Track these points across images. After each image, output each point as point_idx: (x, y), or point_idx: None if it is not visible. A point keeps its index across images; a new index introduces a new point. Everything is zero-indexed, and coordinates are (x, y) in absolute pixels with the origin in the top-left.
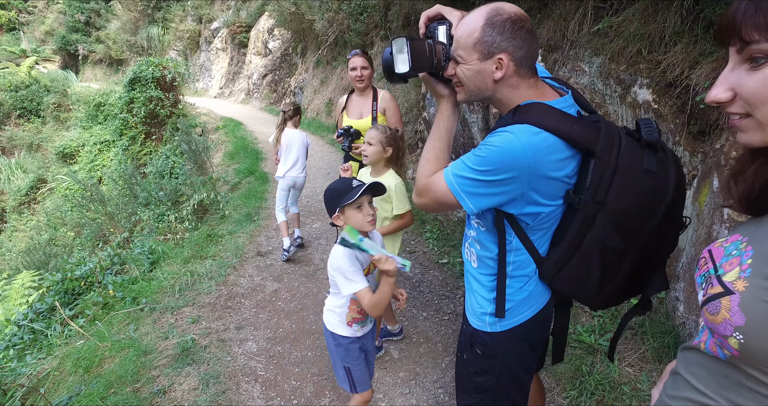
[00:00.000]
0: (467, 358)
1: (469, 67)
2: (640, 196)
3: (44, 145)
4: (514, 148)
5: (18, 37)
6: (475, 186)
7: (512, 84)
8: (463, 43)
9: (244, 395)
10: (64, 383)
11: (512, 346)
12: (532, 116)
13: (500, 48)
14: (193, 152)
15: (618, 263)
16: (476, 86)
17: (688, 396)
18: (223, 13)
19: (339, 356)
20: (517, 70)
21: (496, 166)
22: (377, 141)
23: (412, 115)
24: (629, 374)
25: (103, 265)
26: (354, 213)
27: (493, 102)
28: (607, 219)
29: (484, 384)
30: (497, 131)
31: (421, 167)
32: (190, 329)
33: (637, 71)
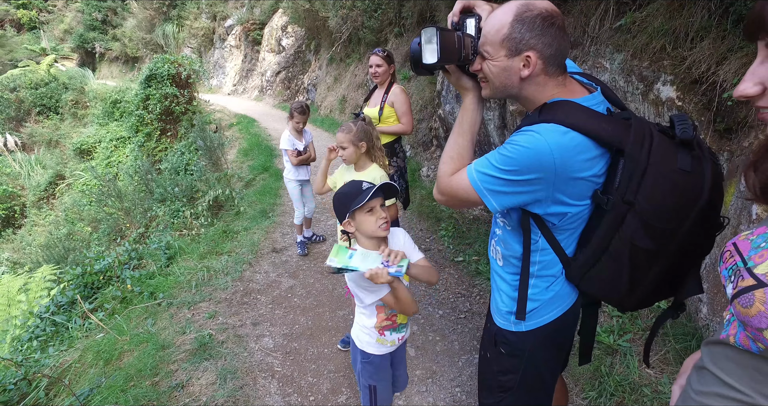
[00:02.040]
0: (491, 357)
1: (495, 63)
2: (672, 196)
3: (62, 142)
4: (541, 148)
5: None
6: (498, 185)
7: (539, 82)
8: (491, 39)
9: (261, 390)
10: (85, 375)
11: (537, 346)
12: (559, 115)
13: (528, 45)
14: (207, 149)
15: (649, 264)
16: (502, 83)
17: (717, 391)
18: (236, 11)
19: (367, 374)
20: (545, 68)
21: (521, 167)
22: (348, 142)
23: (427, 112)
24: (650, 375)
25: (121, 260)
26: (365, 218)
27: (519, 99)
28: (636, 220)
29: (507, 383)
30: (523, 130)
31: (443, 164)
32: (207, 324)
33: (661, 68)
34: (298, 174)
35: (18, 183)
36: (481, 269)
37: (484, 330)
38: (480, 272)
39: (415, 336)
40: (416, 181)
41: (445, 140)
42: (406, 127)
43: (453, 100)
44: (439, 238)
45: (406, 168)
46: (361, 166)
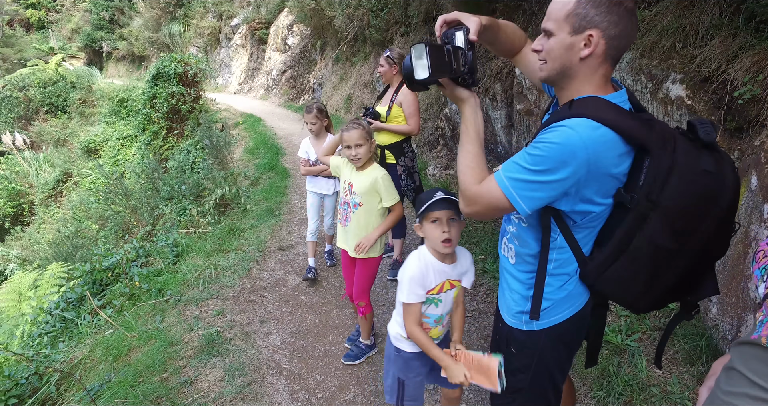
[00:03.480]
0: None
1: (558, 40)
2: (695, 196)
3: (70, 140)
4: (574, 143)
5: (47, 36)
6: (531, 189)
7: (593, 66)
8: (555, 15)
9: (269, 387)
10: (95, 371)
11: (548, 345)
12: (591, 110)
13: (593, 23)
14: (214, 147)
15: (668, 265)
16: (562, 63)
17: (747, 392)
18: (242, 10)
19: (396, 367)
20: (606, 50)
21: (554, 164)
22: (364, 139)
23: (433, 111)
24: (658, 375)
25: (129, 257)
26: (430, 228)
27: (564, 85)
28: (659, 219)
29: (518, 383)
30: (553, 126)
31: (464, 175)
32: (214, 321)
33: (670, 66)
34: (314, 185)
35: (26, 181)
36: (487, 268)
37: (495, 330)
38: (486, 271)
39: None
40: (423, 180)
41: (451, 139)
42: (412, 128)
43: None
44: None
45: (415, 167)
46: (363, 166)
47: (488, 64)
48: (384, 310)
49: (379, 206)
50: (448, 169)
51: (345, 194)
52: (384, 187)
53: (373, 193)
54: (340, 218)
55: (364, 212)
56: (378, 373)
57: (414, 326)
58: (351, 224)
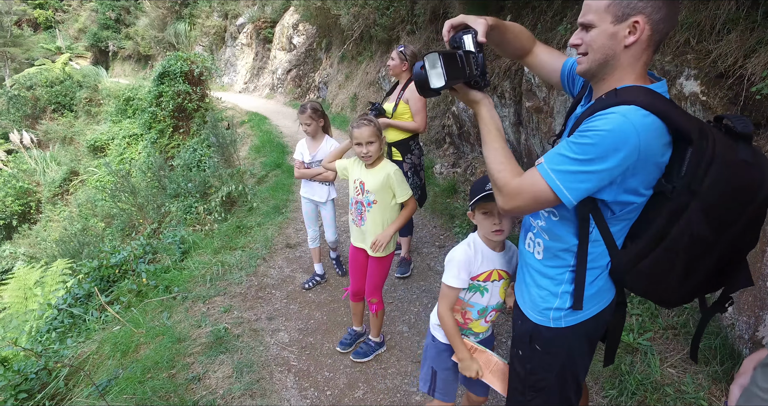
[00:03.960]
0: (523, 355)
1: (600, 31)
2: (735, 186)
3: (77, 139)
4: (626, 129)
5: (54, 35)
6: (579, 180)
7: (637, 54)
8: (595, 6)
9: (278, 384)
10: (103, 366)
11: (574, 342)
12: (640, 98)
13: (637, 9)
14: (220, 145)
15: (704, 256)
16: (605, 53)
17: None
18: (248, 9)
19: (430, 355)
20: (651, 36)
21: (604, 152)
22: (375, 137)
23: (440, 110)
24: (672, 375)
25: (137, 254)
26: (481, 218)
27: (604, 75)
28: (699, 209)
29: (539, 383)
30: (600, 114)
31: (500, 172)
32: (222, 318)
33: (684, 62)
34: (308, 190)
35: (34, 179)
36: None
37: (514, 328)
38: None
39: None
40: (430, 178)
41: (458, 138)
42: (418, 125)
43: None
44: (453, 235)
45: (421, 165)
46: (373, 163)
47: (496, 61)
48: (392, 308)
49: (393, 202)
50: (456, 167)
51: (357, 194)
52: (397, 183)
53: (386, 189)
54: (354, 218)
55: (379, 210)
56: (387, 371)
57: (447, 311)
58: (367, 223)
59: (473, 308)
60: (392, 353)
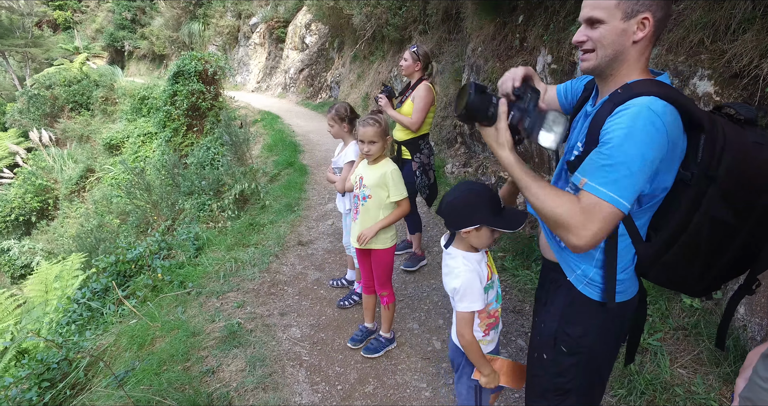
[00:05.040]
0: (548, 358)
1: (611, 27)
2: (751, 167)
3: (93, 137)
4: (654, 120)
5: (72, 36)
6: (632, 184)
7: (641, 49)
8: (604, 3)
9: (289, 378)
10: (120, 358)
11: (600, 340)
12: (654, 89)
13: (645, 6)
14: (233, 144)
15: (727, 241)
16: (614, 50)
17: None
18: (261, 9)
19: (469, 373)
20: (654, 31)
21: (641, 149)
22: (378, 137)
23: (451, 109)
24: (682, 375)
25: (152, 249)
26: (488, 235)
27: (612, 71)
28: (718, 193)
29: (566, 384)
30: (622, 111)
31: (558, 208)
32: (235, 313)
33: (698, 62)
34: (339, 200)
35: (52, 177)
36: (506, 265)
37: (535, 331)
38: (506, 268)
39: (441, 330)
40: (441, 177)
41: (469, 138)
42: (412, 122)
43: None
44: None
45: (431, 164)
46: (375, 160)
47: (508, 61)
48: (402, 305)
49: (387, 200)
50: (467, 167)
51: (356, 188)
52: (392, 182)
53: (382, 186)
54: (351, 213)
55: (373, 205)
56: (397, 367)
57: (471, 335)
58: (360, 217)
59: (494, 303)
60: (402, 349)
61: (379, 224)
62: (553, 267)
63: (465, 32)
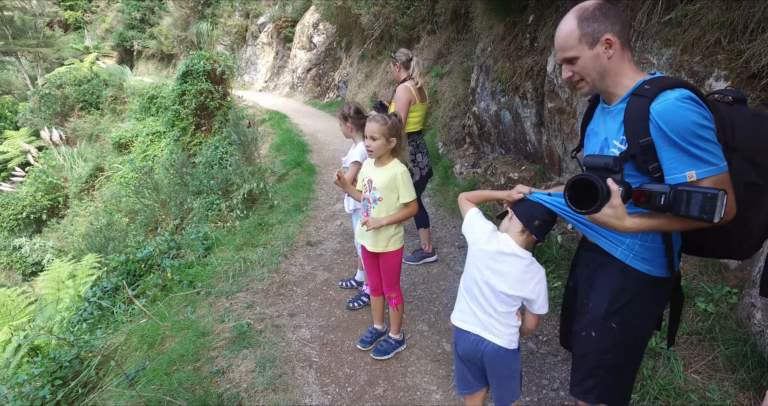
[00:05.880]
0: (596, 336)
1: (585, 58)
2: (761, 132)
3: (102, 136)
4: (702, 111)
5: (82, 35)
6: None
7: (620, 57)
8: (569, 44)
9: (299, 379)
10: (131, 358)
11: (648, 314)
12: (671, 81)
13: (601, 31)
14: (241, 143)
15: (760, 199)
16: (598, 71)
17: None
18: (269, 8)
19: (518, 367)
20: (621, 41)
21: (707, 122)
22: (380, 134)
23: (460, 109)
24: (696, 381)
25: (161, 249)
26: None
27: (609, 84)
28: (743, 160)
29: (611, 360)
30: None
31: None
32: (245, 313)
33: (714, 62)
34: (346, 200)
35: (62, 175)
36: None
37: (582, 311)
38: None
39: (451, 331)
40: (449, 178)
41: (479, 138)
42: None
43: (488, 97)
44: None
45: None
46: (383, 162)
47: (518, 61)
48: (412, 307)
49: (397, 203)
50: (476, 167)
51: (365, 191)
52: (402, 184)
53: (392, 188)
54: (361, 215)
55: (384, 207)
56: (407, 369)
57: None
58: (370, 219)
59: None
60: (412, 351)
61: (387, 219)
62: (597, 250)
63: (474, 32)
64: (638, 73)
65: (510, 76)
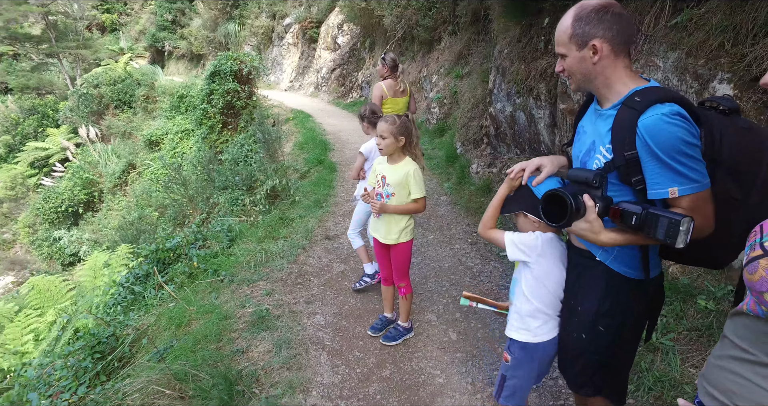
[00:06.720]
0: (587, 337)
1: (571, 58)
2: (746, 145)
3: (134, 133)
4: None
5: (118, 37)
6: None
7: (609, 64)
8: (561, 41)
9: (312, 360)
10: (160, 337)
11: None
12: (662, 95)
13: (591, 35)
14: (266, 141)
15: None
16: (582, 73)
17: (730, 354)
18: (295, 10)
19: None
20: (612, 49)
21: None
22: (389, 133)
23: (478, 110)
24: (692, 374)
25: (189, 240)
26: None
27: (598, 86)
28: (725, 173)
29: (603, 359)
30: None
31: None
32: (264, 300)
33: (718, 65)
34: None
35: (97, 171)
36: None
37: (571, 314)
38: None
39: (457, 322)
40: (466, 177)
41: (495, 138)
42: None
43: (504, 98)
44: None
45: None
46: (395, 160)
47: (533, 63)
48: (422, 298)
49: (408, 198)
50: (491, 167)
51: (378, 186)
52: (414, 181)
53: (404, 185)
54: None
55: (395, 202)
56: (414, 354)
57: None
58: (383, 214)
59: None
60: (419, 339)
61: (394, 208)
62: (582, 253)
63: (493, 34)
64: (634, 79)
65: (525, 78)
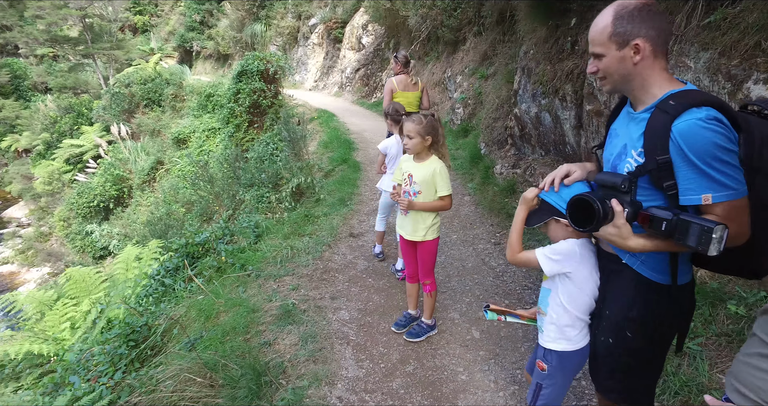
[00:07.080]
0: (614, 342)
1: (610, 58)
2: None
3: (163, 131)
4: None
5: (148, 38)
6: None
7: (650, 65)
8: (598, 40)
9: (337, 354)
10: (190, 328)
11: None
12: (699, 98)
13: (633, 35)
14: (291, 140)
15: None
16: (620, 74)
17: (760, 351)
18: (320, 10)
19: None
20: (653, 49)
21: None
22: (415, 133)
23: (503, 111)
24: (720, 380)
25: (217, 235)
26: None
27: (635, 87)
28: (764, 181)
29: (631, 363)
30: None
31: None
32: (290, 294)
33: (753, 65)
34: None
35: (127, 167)
36: None
37: (600, 318)
38: None
39: (480, 321)
40: (489, 178)
41: (520, 139)
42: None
43: (529, 99)
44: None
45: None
46: (422, 158)
47: (559, 64)
48: (445, 297)
49: (435, 196)
50: (516, 168)
51: (405, 185)
52: (440, 179)
53: (431, 183)
54: (399, 209)
55: (422, 200)
56: (437, 351)
57: None
58: (411, 211)
59: None
60: (443, 336)
61: (421, 205)
62: (610, 257)
63: (518, 34)
64: (670, 82)
65: (550, 79)
